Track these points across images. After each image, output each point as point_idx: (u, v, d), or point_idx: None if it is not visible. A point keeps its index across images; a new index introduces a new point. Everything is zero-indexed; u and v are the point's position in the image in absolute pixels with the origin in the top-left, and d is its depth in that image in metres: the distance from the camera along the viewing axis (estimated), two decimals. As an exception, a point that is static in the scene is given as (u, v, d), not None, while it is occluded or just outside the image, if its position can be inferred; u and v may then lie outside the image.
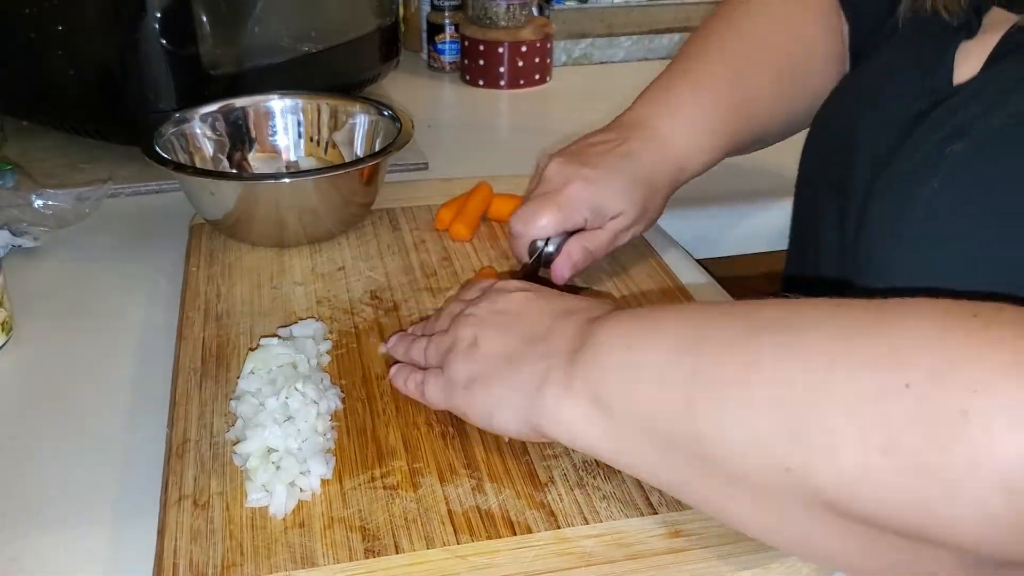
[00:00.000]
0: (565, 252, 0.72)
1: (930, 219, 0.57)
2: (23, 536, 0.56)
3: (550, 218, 0.71)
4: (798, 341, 0.42)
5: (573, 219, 0.72)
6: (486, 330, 0.56)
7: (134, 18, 0.93)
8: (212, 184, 0.80)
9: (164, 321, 0.76)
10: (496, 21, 1.30)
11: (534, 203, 0.72)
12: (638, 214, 0.74)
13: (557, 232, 0.72)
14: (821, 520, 0.42)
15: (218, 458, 0.58)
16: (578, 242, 0.73)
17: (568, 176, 0.72)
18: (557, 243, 0.72)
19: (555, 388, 0.50)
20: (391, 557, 0.51)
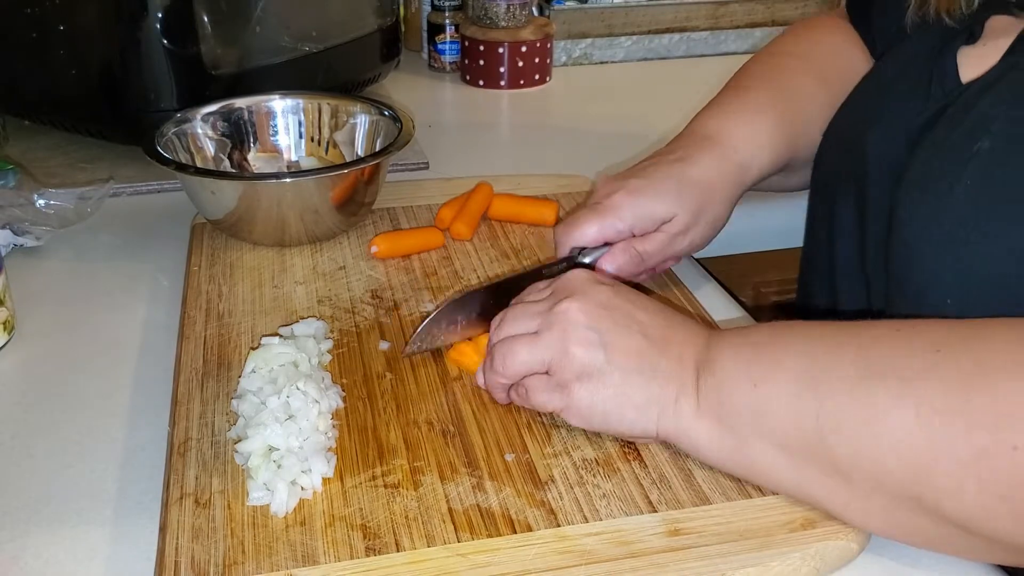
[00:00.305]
0: (610, 253, 0.70)
1: (964, 220, 0.57)
2: (24, 535, 0.56)
3: (589, 226, 0.69)
4: (911, 393, 0.47)
5: (615, 227, 0.70)
6: (606, 330, 0.56)
7: (135, 18, 0.94)
8: (213, 184, 0.80)
9: (165, 320, 0.76)
10: (496, 21, 1.30)
11: (577, 212, 0.71)
12: (693, 216, 0.71)
13: (598, 241, 0.70)
14: (945, 528, 0.48)
15: (219, 457, 0.58)
16: (625, 244, 0.70)
17: (614, 187, 0.71)
18: (597, 255, 0.70)
19: (687, 410, 0.55)
20: (392, 555, 0.51)
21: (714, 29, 1.53)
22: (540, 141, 1.17)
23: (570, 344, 0.56)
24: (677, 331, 0.57)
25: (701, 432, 0.54)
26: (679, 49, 1.53)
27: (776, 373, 0.52)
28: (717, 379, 0.54)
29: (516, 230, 0.87)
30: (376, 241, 0.82)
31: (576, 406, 0.56)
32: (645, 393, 0.55)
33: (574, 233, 0.70)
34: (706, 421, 0.54)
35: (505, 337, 0.59)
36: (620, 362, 0.55)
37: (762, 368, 0.53)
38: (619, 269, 0.71)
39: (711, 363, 0.55)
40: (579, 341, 0.56)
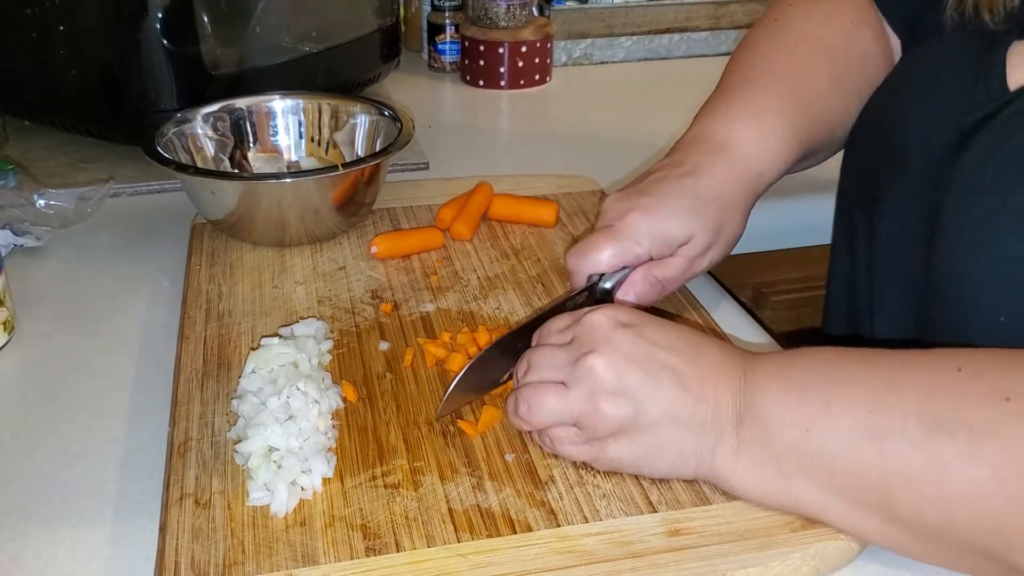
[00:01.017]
0: (628, 282, 0.66)
1: (1017, 233, 0.55)
2: (24, 535, 0.56)
3: (606, 251, 0.65)
4: (980, 448, 0.45)
5: (633, 251, 0.65)
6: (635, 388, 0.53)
7: (135, 18, 0.94)
8: (213, 184, 0.80)
9: (165, 320, 0.76)
10: (496, 21, 1.30)
11: (591, 237, 0.66)
12: (712, 235, 0.67)
13: (615, 266, 0.65)
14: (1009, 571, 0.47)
15: (219, 457, 0.58)
16: (645, 272, 0.66)
17: (626, 207, 0.66)
18: (616, 279, 0.66)
19: (727, 453, 0.53)
20: (392, 555, 0.51)
21: (714, 29, 1.53)
22: (540, 141, 1.17)
23: (600, 403, 0.54)
24: (711, 369, 0.54)
25: (740, 474, 0.53)
26: (679, 49, 1.53)
27: (829, 416, 0.50)
28: (761, 426, 0.52)
29: (516, 230, 0.87)
30: (376, 241, 0.82)
31: (608, 459, 0.55)
32: (680, 446, 0.54)
33: (590, 259, 0.65)
34: (746, 464, 0.53)
35: (531, 383, 0.57)
36: (653, 417, 0.53)
37: (813, 412, 0.50)
38: (639, 298, 0.67)
39: (752, 407, 0.53)
40: (609, 400, 0.53)
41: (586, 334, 0.56)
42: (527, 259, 0.82)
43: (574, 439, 0.56)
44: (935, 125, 0.63)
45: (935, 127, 0.63)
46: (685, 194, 0.66)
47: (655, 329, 0.56)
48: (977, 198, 0.58)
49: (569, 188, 0.94)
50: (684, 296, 0.76)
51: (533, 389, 0.56)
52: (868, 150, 0.71)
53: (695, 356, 0.55)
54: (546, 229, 0.87)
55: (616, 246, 0.65)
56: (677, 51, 1.53)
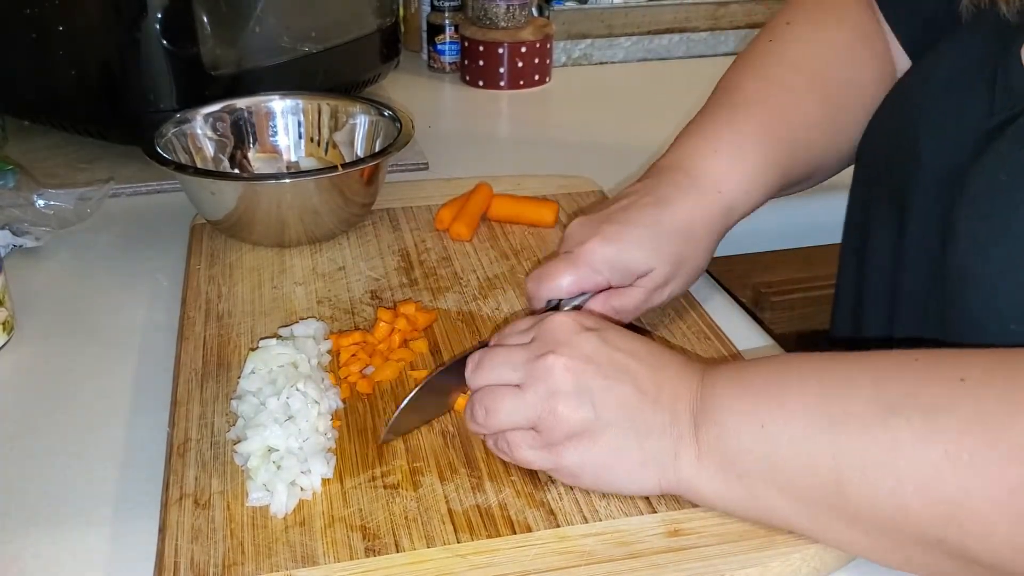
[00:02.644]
0: (586, 309, 0.65)
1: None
2: (23, 536, 0.56)
3: (565, 277, 0.64)
4: (934, 428, 0.45)
5: (592, 279, 0.64)
6: (593, 388, 0.53)
7: (135, 18, 0.94)
8: (213, 184, 0.80)
9: (165, 321, 0.76)
10: (496, 22, 1.30)
11: (551, 263, 0.65)
12: (672, 269, 0.66)
13: (573, 292, 0.64)
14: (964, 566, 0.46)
15: (219, 457, 0.58)
16: (604, 301, 0.65)
17: (587, 234, 0.65)
18: (574, 304, 0.65)
19: (688, 461, 0.52)
20: (391, 556, 0.51)
21: (714, 30, 1.53)
22: (540, 142, 1.17)
23: (557, 403, 0.53)
24: (669, 377, 0.54)
25: (706, 484, 0.52)
26: (679, 50, 1.53)
27: (783, 413, 0.49)
28: (719, 427, 0.51)
29: (516, 230, 0.87)
30: None
31: (566, 466, 0.54)
32: (640, 452, 0.53)
33: (548, 285, 0.64)
34: (710, 472, 0.52)
35: (487, 386, 0.56)
36: (611, 420, 0.52)
37: (767, 409, 0.50)
38: None
39: (710, 410, 0.52)
40: (567, 400, 0.53)
41: (547, 335, 0.55)
42: (527, 259, 0.82)
43: (531, 443, 0.54)
44: (951, 128, 0.61)
45: (951, 131, 0.61)
46: (649, 224, 0.65)
47: (617, 335, 0.56)
48: (991, 203, 0.57)
49: (569, 189, 0.94)
50: (684, 296, 0.76)
51: (489, 392, 0.55)
52: (882, 154, 0.69)
53: (655, 363, 0.55)
54: (546, 229, 0.87)
55: (575, 273, 0.64)
56: (676, 51, 1.53)
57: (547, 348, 0.54)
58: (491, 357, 0.56)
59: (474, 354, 0.58)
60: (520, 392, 0.54)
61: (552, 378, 0.53)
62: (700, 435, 0.52)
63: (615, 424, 0.53)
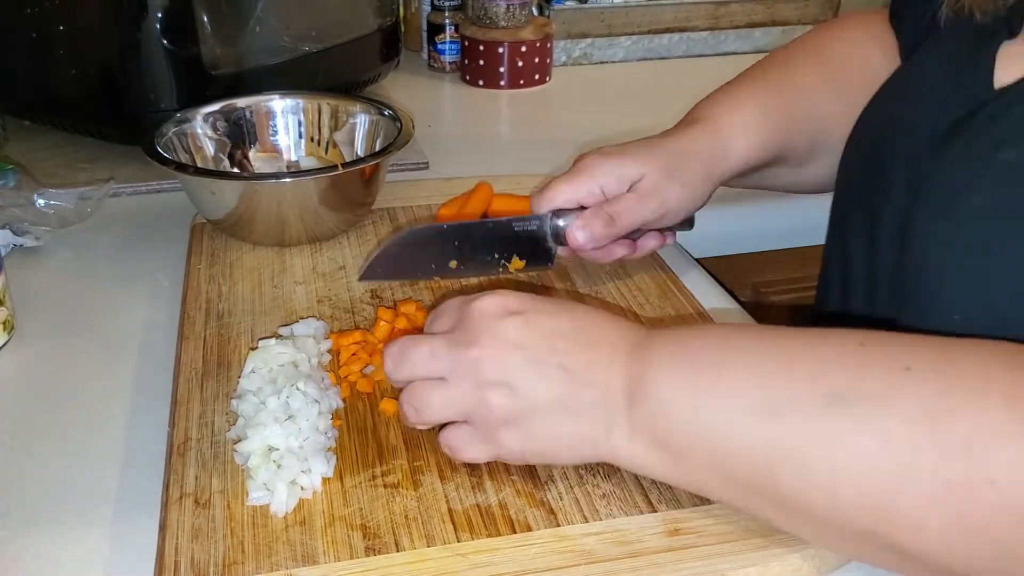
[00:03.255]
0: (580, 217, 0.69)
1: (980, 231, 0.55)
2: (24, 535, 0.56)
3: (560, 187, 0.70)
4: (876, 418, 0.43)
5: (586, 186, 0.70)
6: (519, 376, 0.52)
7: (135, 18, 0.94)
8: (213, 184, 0.80)
9: (165, 320, 0.76)
10: (496, 21, 1.30)
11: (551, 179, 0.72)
12: (662, 176, 0.70)
13: (570, 202, 0.70)
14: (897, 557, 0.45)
15: (219, 457, 0.58)
16: (597, 206, 0.70)
17: (588, 154, 0.72)
18: (571, 218, 0.70)
19: (621, 437, 0.51)
20: (392, 555, 0.51)
21: (714, 29, 1.53)
22: (540, 141, 1.17)
23: (485, 394, 0.52)
24: (602, 351, 0.52)
25: (640, 457, 0.51)
26: (679, 49, 1.53)
27: (719, 393, 0.48)
28: (652, 404, 0.50)
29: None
30: None
31: (508, 452, 0.54)
32: (574, 430, 0.52)
33: (547, 195, 0.70)
34: (643, 447, 0.51)
35: (413, 381, 0.55)
36: (541, 403, 0.52)
37: (703, 388, 0.49)
38: (592, 233, 0.69)
39: (643, 385, 0.50)
40: (494, 390, 0.52)
41: (470, 323, 0.54)
42: (527, 259, 0.82)
43: (470, 438, 0.54)
44: (920, 123, 0.62)
45: (920, 125, 0.62)
46: (647, 144, 0.72)
47: (544, 316, 0.54)
48: (946, 201, 0.57)
49: (569, 188, 0.94)
50: (684, 296, 0.76)
51: (416, 390, 0.55)
52: (859, 151, 0.71)
53: (585, 340, 0.53)
54: (546, 229, 0.87)
55: (571, 183, 0.70)
56: (676, 51, 1.53)
57: (470, 337, 0.53)
58: (413, 349, 0.55)
59: (392, 345, 0.56)
60: (447, 386, 0.54)
61: (477, 370, 0.52)
62: (633, 411, 0.51)
63: (543, 407, 0.52)
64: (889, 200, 0.64)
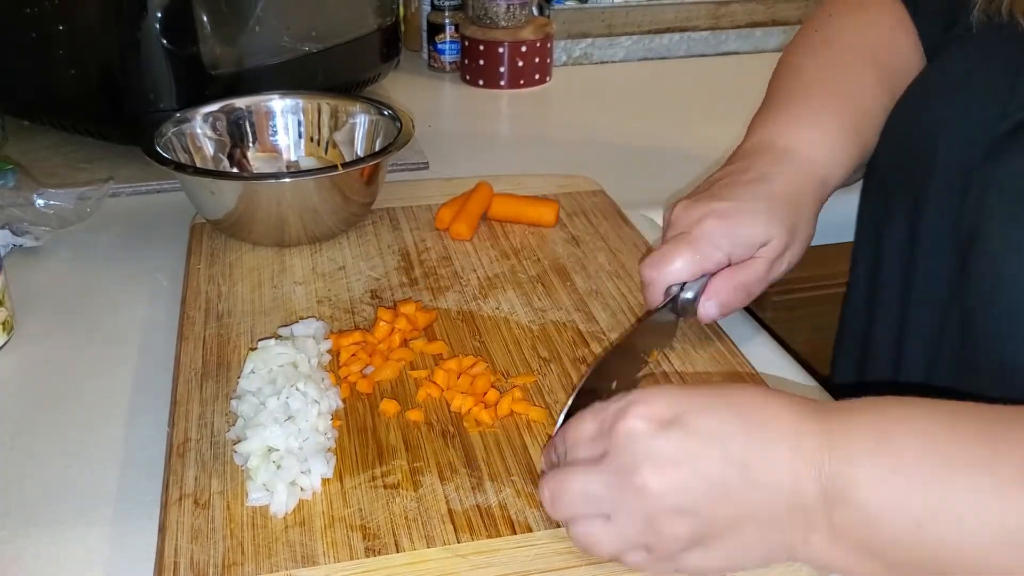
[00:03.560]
0: (711, 289, 0.64)
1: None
2: (23, 535, 0.56)
3: (684, 259, 0.63)
4: None
5: (713, 257, 0.63)
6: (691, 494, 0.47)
7: (135, 18, 0.93)
8: (212, 184, 0.80)
9: (165, 320, 0.76)
10: (496, 21, 1.30)
11: (666, 246, 0.64)
12: (789, 235, 0.65)
13: (694, 274, 0.64)
14: None
15: (219, 457, 0.58)
16: (728, 278, 0.64)
17: (699, 213, 0.64)
18: (696, 288, 0.64)
19: (821, 540, 0.47)
20: (391, 556, 0.51)
21: (714, 29, 1.53)
22: (540, 141, 1.17)
23: (662, 526, 0.47)
24: (781, 446, 0.47)
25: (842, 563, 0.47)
26: (679, 49, 1.53)
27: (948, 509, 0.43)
28: (859, 512, 0.45)
29: (516, 230, 0.86)
30: None
31: (692, 569, 0.49)
32: (764, 544, 0.47)
33: (669, 269, 0.63)
34: (845, 554, 0.46)
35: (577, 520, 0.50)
36: (727, 523, 0.47)
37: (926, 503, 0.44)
38: (724, 305, 0.65)
39: (845, 489, 0.45)
40: (670, 519, 0.47)
41: (622, 449, 0.48)
42: (527, 259, 0.82)
43: (646, 563, 0.49)
44: (967, 131, 0.61)
45: (967, 133, 0.61)
46: (760, 198, 0.65)
47: (703, 416, 0.48)
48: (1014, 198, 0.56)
49: (569, 188, 0.94)
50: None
51: (582, 531, 0.49)
52: (894, 158, 0.70)
53: (760, 436, 0.47)
54: (546, 229, 0.87)
55: (695, 253, 0.63)
56: (677, 51, 1.53)
57: (626, 465, 0.47)
58: (567, 487, 0.50)
59: (545, 483, 0.51)
60: (615, 523, 0.48)
61: (647, 502, 0.47)
62: (835, 516, 0.46)
63: (730, 527, 0.47)
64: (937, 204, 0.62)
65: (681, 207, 0.66)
